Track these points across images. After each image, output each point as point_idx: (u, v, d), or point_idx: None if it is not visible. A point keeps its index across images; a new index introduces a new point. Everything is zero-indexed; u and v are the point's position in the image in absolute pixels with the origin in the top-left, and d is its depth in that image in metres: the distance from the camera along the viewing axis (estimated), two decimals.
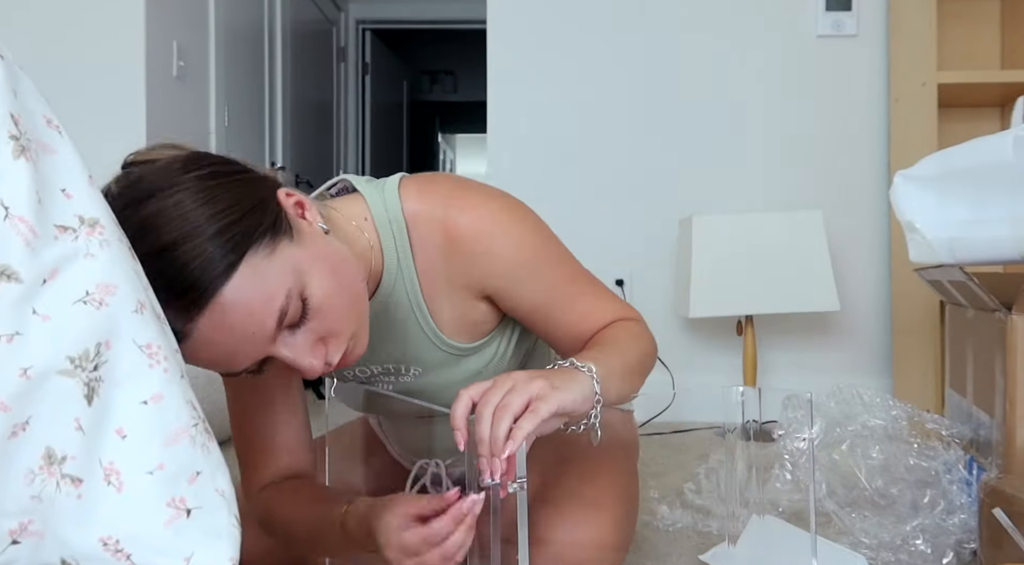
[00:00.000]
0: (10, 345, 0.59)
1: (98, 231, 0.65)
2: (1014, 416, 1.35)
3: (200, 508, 0.67)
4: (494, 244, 0.95)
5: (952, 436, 1.51)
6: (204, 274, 0.75)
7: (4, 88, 0.61)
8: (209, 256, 0.76)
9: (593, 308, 1.01)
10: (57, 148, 0.65)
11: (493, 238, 0.96)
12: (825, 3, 2.59)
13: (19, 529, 0.61)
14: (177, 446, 0.67)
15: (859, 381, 2.03)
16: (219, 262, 0.76)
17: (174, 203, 0.77)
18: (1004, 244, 1.36)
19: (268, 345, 0.81)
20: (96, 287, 0.64)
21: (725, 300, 2.27)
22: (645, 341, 1.01)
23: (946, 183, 1.46)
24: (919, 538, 1.34)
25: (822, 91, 2.61)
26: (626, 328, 1.00)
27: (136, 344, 0.65)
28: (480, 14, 2.87)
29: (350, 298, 0.85)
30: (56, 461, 0.61)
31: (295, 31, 4.17)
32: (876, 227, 2.60)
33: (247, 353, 0.80)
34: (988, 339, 1.46)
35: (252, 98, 3.67)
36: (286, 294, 0.79)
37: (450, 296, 0.99)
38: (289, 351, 0.82)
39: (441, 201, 0.96)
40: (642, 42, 2.65)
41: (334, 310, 0.83)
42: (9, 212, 0.60)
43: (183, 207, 0.77)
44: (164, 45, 2.83)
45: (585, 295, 1.01)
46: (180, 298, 0.75)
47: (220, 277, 0.76)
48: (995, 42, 2.62)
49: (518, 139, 2.69)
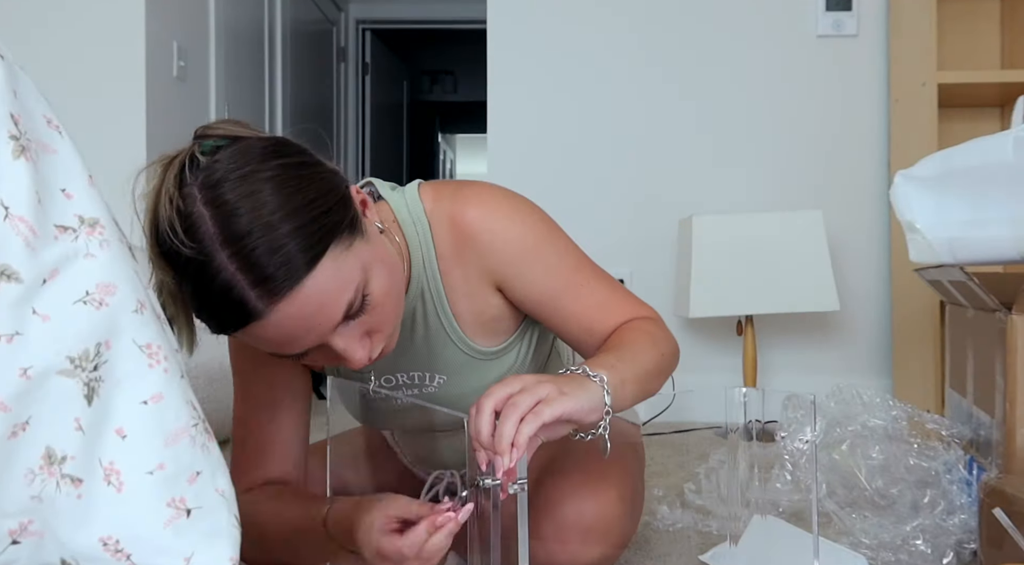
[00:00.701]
0: (10, 345, 0.59)
1: (98, 231, 0.65)
2: (1014, 416, 1.35)
3: (200, 508, 0.67)
4: (501, 230, 0.98)
5: (952, 436, 1.51)
6: (290, 263, 0.77)
7: (4, 88, 0.61)
8: (296, 246, 0.77)
9: (605, 301, 1.02)
10: (57, 148, 0.65)
11: (500, 224, 0.98)
12: (825, 3, 2.59)
13: (19, 529, 0.61)
14: (177, 446, 0.67)
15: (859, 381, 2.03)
16: (305, 253, 0.78)
17: (269, 188, 0.78)
18: (1004, 244, 1.36)
19: (328, 334, 0.83)
20: (96, 287, 0.64)
21: (725, 300, 2.27)
22: (663, 342, 1.01)
23: (946, 183, 1.46)
24: (919, 538, 1.34)
25: (822, 91, 2.61)
26: (643, 329, 1.00)
27: (136, 344, 0.65)
28: (480, 14, 2.87)
29: (398, 297, 0.89)
30: (56, 461, 0.61)
31: (295, 31, 4.17)
32: (876, 227, 2.60)
33: (307, 340, 0.82)
34: (988, 339, 1.46)
35: (252, 98, 3.67)
36: (355, 288, 0.82)
37: (467, 291, 1.01)
38: (343, 341, 0.84)
39: (450, 196, 1.00)
40: (642, 42, 2.65)
41: (386, 308, 0.86)
42: (9, 212, 0.60)
43: (275, 193, 0.78)
44: (164, 45, 2.83)
45: (593, 285, 1.02)
46: (262, 284, 0.77)
47: (304, 267, 0.78)
48: (995, 42, 2.62)
49: (518, 139, 2.69)
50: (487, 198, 0.99)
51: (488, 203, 0.99)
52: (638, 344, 0.96)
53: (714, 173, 2.63)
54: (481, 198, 0.99)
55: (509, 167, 2.68)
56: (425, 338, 1.04)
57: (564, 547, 1.02)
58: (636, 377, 0.92)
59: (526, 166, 2.69)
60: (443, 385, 1.07)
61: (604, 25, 2.65)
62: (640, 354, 0.95)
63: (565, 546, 1.02)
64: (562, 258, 1.01)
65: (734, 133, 2.63)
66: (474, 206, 0.98)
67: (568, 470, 1.08)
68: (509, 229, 0.98)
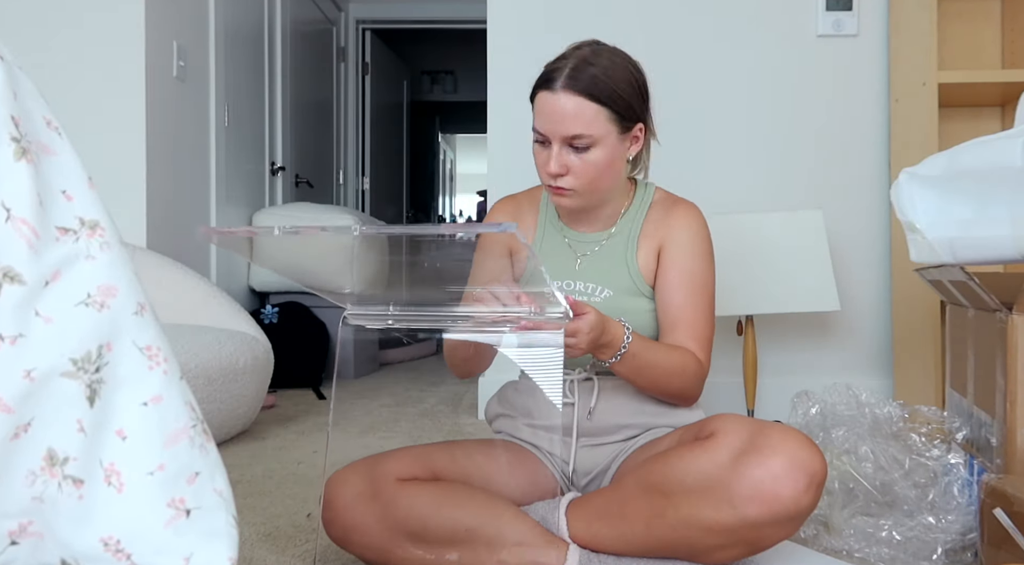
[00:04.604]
0: (13, 347, 0.59)
1: (98, 233, 0.65)
2: (1014, 416, 1.35)
3: (199, 508, 0.67)
4: (693, 222, 1.42)
5: (952, 436, 1.51)
6: (594, 81, 1.28)
7: (5, 90, 0.61)
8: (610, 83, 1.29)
9: (694, 319, 1.36)
10: (57, 150, 0.65)
11: (696, 221, 1.42)
12: (825, 3, 2.59)
13: (19, 530, 0.61)
14: (176, 447, 0.67)
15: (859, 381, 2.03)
16: (596, 95, 1.28)
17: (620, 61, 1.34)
18: (1005, 243, 1.36)
19: (558, 136, 1.29)
20: (97, 289, 0.64)
21: (725, 300, 2.27)
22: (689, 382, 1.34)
23: (951, 182, 1.46)
24: (919, 538, 1.34)
25: (822, 91, 2.61)
26: (688, 365, 1.33)
27: (136, 346, 0.66)
28: (480, 14, 2.87)
29: (597, 178, 1.32)
30: (58, 462, 0.62)
31: (295, 31, 4.18)
32: (876, 227, 2.60)
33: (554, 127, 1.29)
34: (988, 339, 1.46)
35: (252, 98, 3.68)
36: (589, 137, 1.29)
37: (647, 242, 1.42)
38: (556, 148, 1.30)
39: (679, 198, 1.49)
40: (642, 42, 2.65)
41: (588, 171, 1.31)
42: (11, 214, 0.60)
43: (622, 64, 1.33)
44: (164, 45, 2.83)
45: (700, 302, 1.37)
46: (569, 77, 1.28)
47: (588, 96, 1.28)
48: (995, 42, 2.62)
49: (518, 139, 2.69)
50: (700, 216, 1.44)
51: (700, 217, 1.44)
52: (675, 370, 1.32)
53: (714, 173, 2.63)
54: (697, 213, 1.44)
55: (509, 167, 2.68)
56: (612, 256, 1.42)
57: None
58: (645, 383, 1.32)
59: (526, 166, 2.67)
60: (608, 299, 1.39)
61: (604, 25, 2.65)
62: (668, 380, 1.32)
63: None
64: (702, 270, 1.39)
65: (734, 133, 2.63)
66: (693, 210, 1.44)
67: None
68: (695, 226, 1.41)
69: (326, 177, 4.80)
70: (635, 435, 1.39)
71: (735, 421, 1.18)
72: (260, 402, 2.43)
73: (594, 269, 1.42)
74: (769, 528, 1.13)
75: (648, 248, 1.41)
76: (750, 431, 1.15)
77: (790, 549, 1.38)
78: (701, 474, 1.15)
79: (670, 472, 1.18)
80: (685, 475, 1.16)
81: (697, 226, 1.41)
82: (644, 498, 1.20)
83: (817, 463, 1.12)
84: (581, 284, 1.41)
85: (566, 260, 1.44)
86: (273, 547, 1.40)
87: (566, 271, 1.43)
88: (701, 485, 1.14)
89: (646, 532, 1.20)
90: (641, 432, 1.39)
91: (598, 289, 1.40)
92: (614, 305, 1.37)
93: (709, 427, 1.21)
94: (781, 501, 1.10)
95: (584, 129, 1.28)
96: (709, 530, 1.15)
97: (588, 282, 1.41)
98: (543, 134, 1.31)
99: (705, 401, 1.44)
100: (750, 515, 1.11)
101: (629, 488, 1.23)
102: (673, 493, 1.17)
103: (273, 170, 3.94)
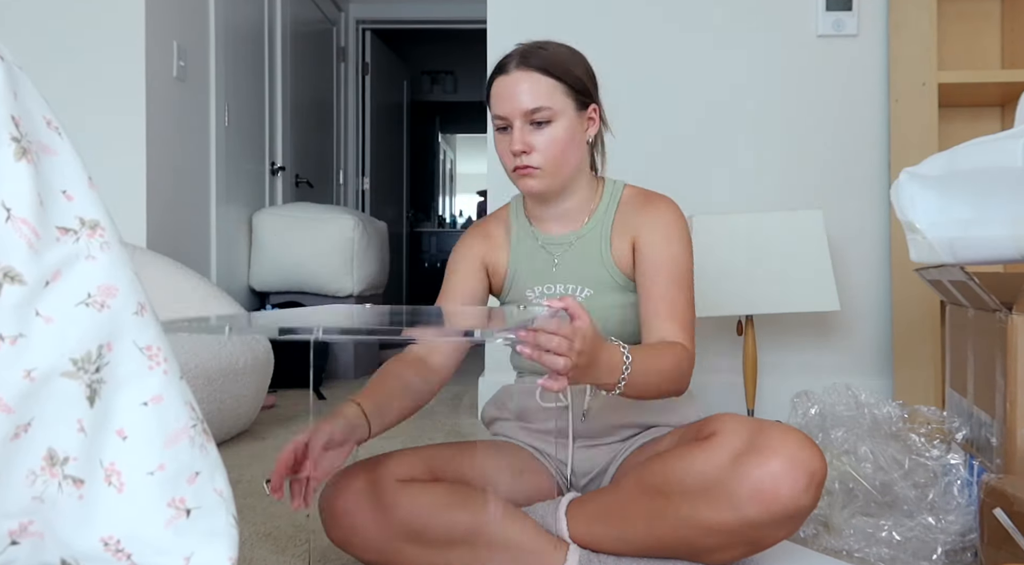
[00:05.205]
0: (14, 347, 0.59)
1: (99, 233, 0.65)
2: (1014, 416, 1.35)
3: (199, 508, 0.67)
4: (667, 212, 1.40)
5: (952, 436, 1.51)
6: (546, 59, 1.34)
7: (5, 90, 0.61)
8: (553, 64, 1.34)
9: (675, 309, 1.33)
10: (57, 149, 0.65)
11: (671, 212, 1.40)
12: (825, 3, 2.59)
13: (19, 530, 0.61)
14: (177, 447, 0.67)
15: (859, 381, 2.03)
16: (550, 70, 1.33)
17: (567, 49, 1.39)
18: (1005, 243, 1.36)
19: (517, 116, 1.32)
20: (97, 289, 0.64)
21: (725, 300, 2.27)
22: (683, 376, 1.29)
23: (951, 182, 1.46)
24: (918, 538, 1.34)
25: (822, 91, 2.61)
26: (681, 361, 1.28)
27: (137, 346, 0.66)
28: (480, 14, 2.88)
29: (560, 157, 1.35)
30: (58, 462, 0.62)
31: (295, 31, 4.18)
32: (876, 227, 2.60)
33: (510, 106, 1.33)
34: (988, 339, 1.46)
35: (252, 98, 3.68)
36: (547, 110, 1.32)
37: (620, 236, 1.41)
38: (519, 125, 1.33)
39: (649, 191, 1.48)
40: (642, 42, 2.65)
41: (549, 149, 1.33)
42: (12, 214, 0.60)
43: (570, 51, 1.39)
44: (164, 45, 2.83)
45: (679, 293, 1.34)
46: (521, 57, 1.34)
47: (541, 66, 1.33)
48: (995, 42, 2.62)
49: None
50: (675, 208, 1.42)
51: (674, 208, 1.42)
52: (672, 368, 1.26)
53: (714, 173, 2.63)
54: (672, 205, 1.42)
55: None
56: (586, 253, 1.41)
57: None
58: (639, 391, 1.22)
59: None
60: (589, 298, 1.39)
61: (603, 26, 2.65)
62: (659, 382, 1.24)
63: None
64: (681, 257, 1.37)
65: (734, 133, 2.63)
66: (666, 202, 1.43)
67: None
68: (669, 216, 1.40)
69: (326, 177, 4.80)
70: (632, 435, 1.39)
71: (735, 421, 1.18)
72: (260, 402, 2.43)
73: (571, 270, 1.42)
74: (769, 528, 1.13)
75: (622, 241, 1.41)
76: (750, 431, 1.15)
77: (790, 549, 1.38)
78: (701, 474, 1.15)
79: (670, 472, 1.18)
80: (685, 475, 1.16)
81: (671, 215, 1.40)
82: (644, 498, 1.20)
83: (817, 463, 1.12)
84: (561, 286, 1.42)
85: (544, 265, 1.44)
86: (273, 547, 1.40)
87: (544, 275, 1.43)
88: (701, 485, 1.14)
89: (646, 532, 1.20)
90: (638, 431, 1.39)
91: (578, 289, 1.41)
92: (596, 303, 1.37)
93: (709, 427, 1.21)
94: (781, 501, 1.10)
95: (543, 101, 1.31)
96: (709, 530, 1.15)
97: (568, 283, 1.41)
98: (503, 117, 1.34)
99: (705, 401, 1.44)
100: (750, 515, 1.11)
101: (629, 488, 1.23)
102: (673, 493, 1.17)
103: (273, 170, 3.94)
